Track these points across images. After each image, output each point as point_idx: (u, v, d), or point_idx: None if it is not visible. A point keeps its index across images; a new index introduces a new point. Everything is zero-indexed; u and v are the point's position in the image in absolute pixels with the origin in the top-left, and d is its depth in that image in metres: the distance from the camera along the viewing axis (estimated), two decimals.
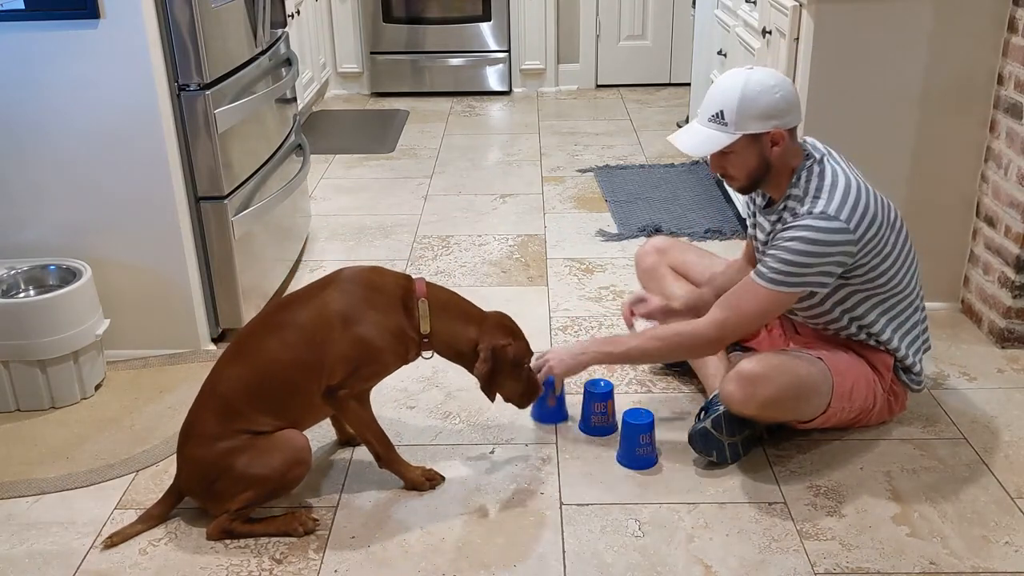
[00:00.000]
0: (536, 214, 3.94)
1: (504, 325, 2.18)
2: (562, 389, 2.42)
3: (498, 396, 2.19)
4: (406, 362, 2.16)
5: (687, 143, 2.18)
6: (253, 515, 2.10)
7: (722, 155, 2.14)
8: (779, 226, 2.16)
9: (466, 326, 2.14)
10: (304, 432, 2.10)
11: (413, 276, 2.17)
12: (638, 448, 2.27)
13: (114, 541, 2.05)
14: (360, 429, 2.17)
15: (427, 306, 2.10)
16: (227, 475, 2.00)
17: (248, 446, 2.00)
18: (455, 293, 2.20)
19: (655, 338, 2.27)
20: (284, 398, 2.04)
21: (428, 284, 2.14)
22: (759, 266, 2.15)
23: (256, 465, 1.99)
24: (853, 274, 2.14)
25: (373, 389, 2.21)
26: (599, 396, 2.40)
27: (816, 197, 2.10)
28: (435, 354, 2.18)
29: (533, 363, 2.34)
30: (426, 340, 2.13)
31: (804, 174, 2.15)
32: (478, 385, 2.15)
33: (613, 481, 2.24)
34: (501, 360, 2.12)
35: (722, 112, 2.09)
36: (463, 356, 2.16)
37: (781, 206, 2.18)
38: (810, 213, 2.08)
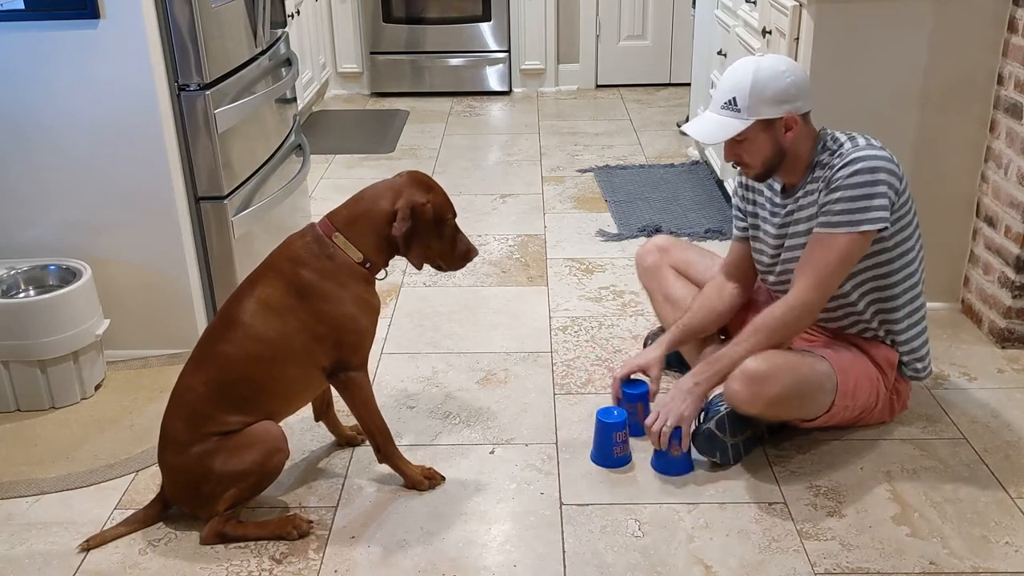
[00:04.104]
0: (536, 214, 3.94)
1: (421, 182, 2.10)
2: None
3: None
4: (375, 304, 2.13)
5: (700, 131, 2.19)
6: (248, 518, 2.10)
7: (736, 142, 2.15)
8: (818, 190, 2.15)
9: (385, 216, 2.05)
10: (282, 423, 2.10)
11: (314, 222, 2.11)
12: (616, 448, 2.27)
13: (92, 544, 2.04)
14: (363, 413, 2.15)
15: (343, 237, 2.06)
16: (207, 478, 2.00)
17: (222, 446, 1.99)
18: (353, 197, 2.11)
19: (755, 332, 2.18)
20: (251, 395, 2.03)
21: (330, 216, 2.09)
22: (822, 219, 2.13)
23: (233, 463, 1.99)
24: (884, 236, 2.15)
25: (374, 389, 2.21)
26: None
27: (853, 138, 2.16)
28: (387, 274, 2.15)
29: (653, 430, 2.18)
30: (368, 265, 2.09)
31: (828, 140, 2.19)
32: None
33: (613, 481, 2.24)
34: (421, 218, 2.05)
35: (735, 99, 2.10)
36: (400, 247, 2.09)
37: (808, 178, 2.19)
38: (856, 147, 2.13)
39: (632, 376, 2.39)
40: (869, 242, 2.14)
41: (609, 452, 2.27)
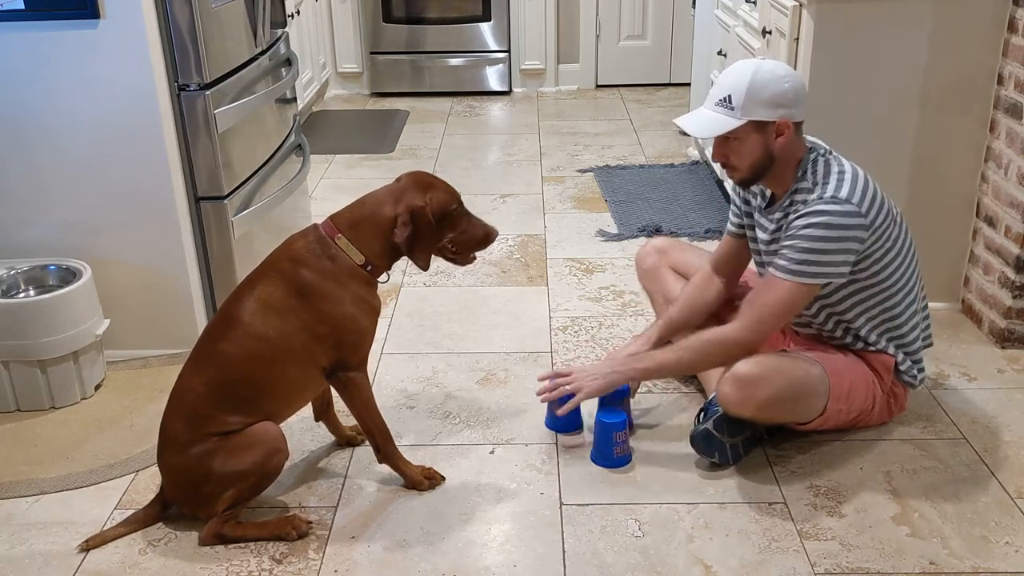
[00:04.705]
0: (536, 214, 3.94)
1: (420, 182, 2.11)
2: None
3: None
4: (375, 304, 2.13)
5: (693, 125, 2.18)
6: (247, 518, 2.10)
7: (726, 142, 2.15)
8: (791, 217, 2.14)
9: (389, 222, 2.06)
10: (282, 424, 2.10)
11: (316, 223, 2.12)
12: (616, 448, 2.27)
13: (91, 544, 2.04)
14: (363, 413, 2.15)
15: (344, 239, 2.07)
16: (207, 478, 1.99)
17: (222, 447, 1.99)
18: (357, 201, 2.13)
19: (686, 348, 2.24)
20: (250, 395, 2.03)
21: (333, 218, 2.10)
22: (776, 260, 2.14)
23: (233, 463, 1.98)
24: (859, 266, 2.14)
25: (374, 389, 2.21)
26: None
27: (825, 183, 2.12)
28: (389, 276, 2.16)
29: (555, 380, 2.29)
30: (369, 268, 2.09)
31: (810, 167, 2.16)
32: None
33: (613, 481, 2.24)
34: (421, 221, 2.06)
35: (730, 96, 2.09)
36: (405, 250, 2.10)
37: (787, 201, 2.18)
38: (821, 198, 2.09)
39: None
40: (814, 292, 2.15)
41: (609, 452, 2.27)
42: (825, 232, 2.07)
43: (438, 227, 2.10)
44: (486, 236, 2.18)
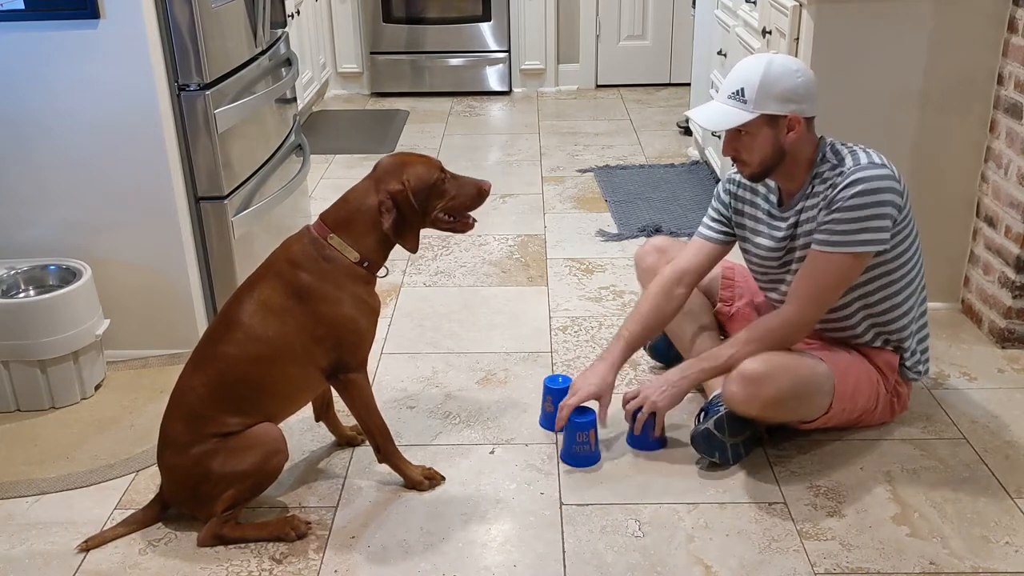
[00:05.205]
0: (536, 214, 3.94)
1: (394, 164, 2.08)
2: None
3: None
4: (374, 305, 2.13)
5: (705, 118, 2.19)
6: (247, 518, 2.10)
7: (737, 135, 2.15)
8: (831, 193, 2.12)
9: (375, 212, 2.05)
10: (281, 424, 2.10)
11: (309, 225, 2.12)
12: (575, 446, 2.28)
13: (91, 544, 2.04)
14: (363, 414, 2.16)
15: (337, 238, 2.07)
16: (206, 479, 1.99)
17: (221, 447, 1.99)
18: (340, 199, 2.11)
19: (748, 343, 2.19)
20: (250, 395, 2.03)
21: (322, 217, 2.10)
22: (820, 235, 2.13)
23: (232, 464, 1.98)
24: (891, 241, 2.14)
25: (374, 389, 2.21)
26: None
27: (855, 155, 2.14)
28: (388, 271, 2.16)
29: (631, 404, 2.27)
30: (365, 264, 2.09)
31: (828, 151, 2.18)
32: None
33: (613, 481, 2.24)
34: (404, 203, 2.05)
35: (743, 90, 2.10)
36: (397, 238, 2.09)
37: (808, 188, 2.18)
38: (857, 165, 2.11)
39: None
40: (866, 262, 2.14)
41: (571, 447, 2.29)
42: (868, 198, 2.08)
43: (426, 202, 2.09)
44: (479, 192, 2.15)
